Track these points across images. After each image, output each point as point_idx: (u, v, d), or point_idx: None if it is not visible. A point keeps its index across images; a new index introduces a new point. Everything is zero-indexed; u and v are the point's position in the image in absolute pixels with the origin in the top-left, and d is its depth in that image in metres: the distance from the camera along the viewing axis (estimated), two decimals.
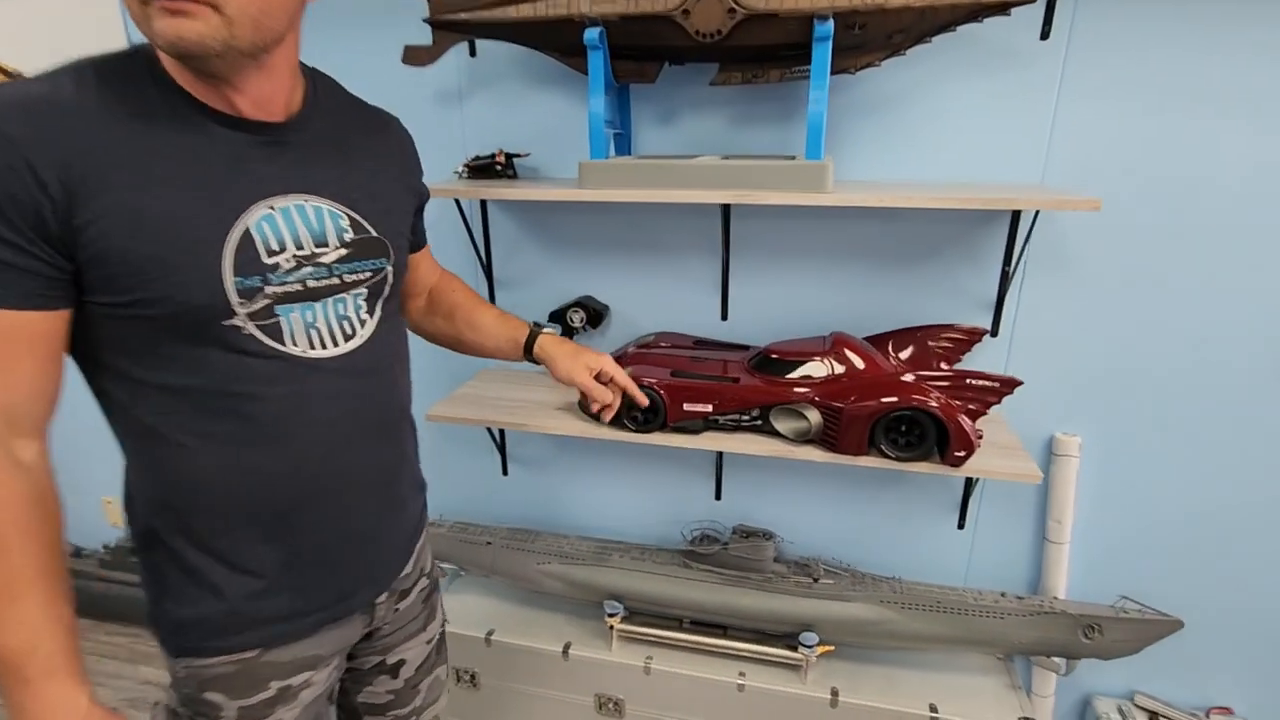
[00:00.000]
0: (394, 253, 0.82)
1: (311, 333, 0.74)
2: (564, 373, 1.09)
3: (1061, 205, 1.00)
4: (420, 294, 1.06)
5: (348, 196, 0.77)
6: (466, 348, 1.08)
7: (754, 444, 1.25)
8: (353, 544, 0.82)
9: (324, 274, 0.74)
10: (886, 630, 1.44)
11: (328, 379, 0.75)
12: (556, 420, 1.36)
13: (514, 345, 1.08)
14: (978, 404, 1.12)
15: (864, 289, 1.39)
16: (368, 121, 0.85)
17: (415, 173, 0.92)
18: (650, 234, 1.46)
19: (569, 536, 1.66)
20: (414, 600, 0.95)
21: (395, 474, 0.88)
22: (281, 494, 0.75)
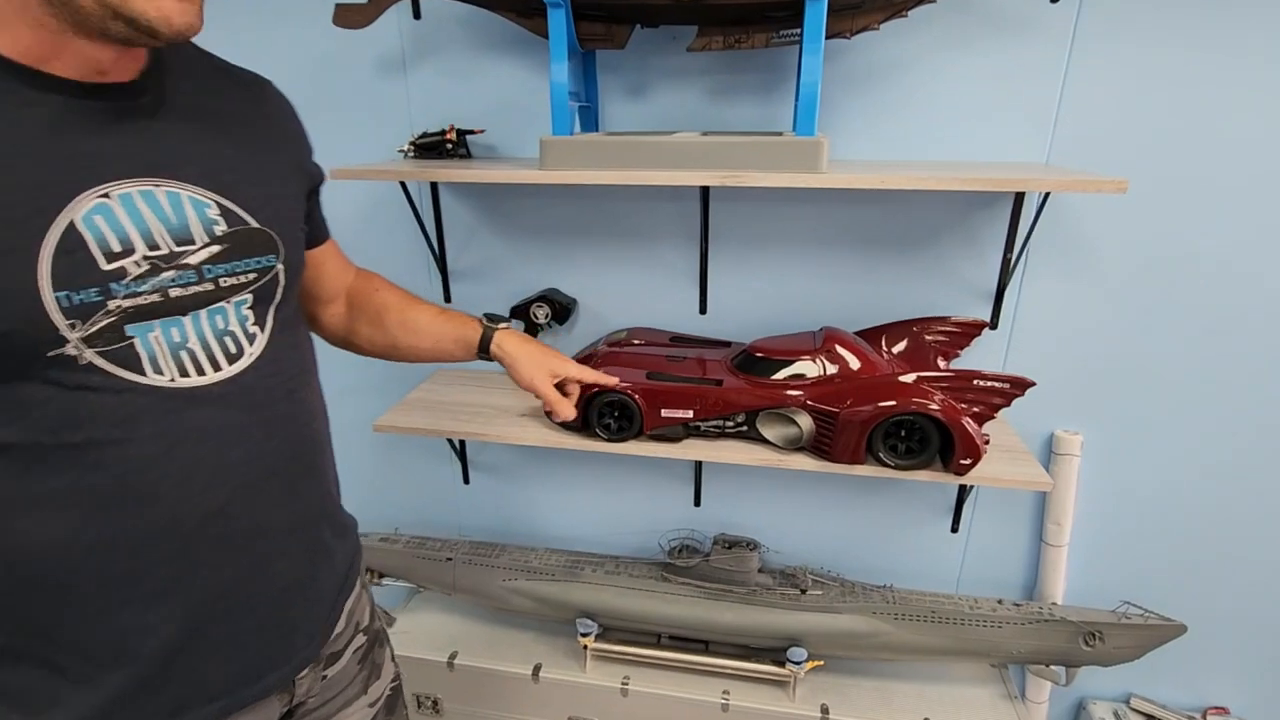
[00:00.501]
0: (285, 247, 0.66)
1: (182, 355, 0.58)
2: (526, 377, 0.96)
3: (1083, 187, 0.90)
4: (334, 298, 0.89)
5: (216, 179, 0.61)
6: (404, 354, 0.93)
7: (739, 452, 1.14)
8: (261, 613, 0.67)
9: (191, 279, 0.58)
10: (879, 643, 1.35)
11: (211, 412, 0.60)
12: (521, 428, 1.22)
13: (464, 345, 0.93)
14: (983, 407, 1.02)
15: (854, 278, 1.28)
16: (235, 85, 0.68)
17: (303, 148, 0.75)
18: (622, 220, 1.32)
19: (537, 549, 1.53)
20: (348, 663, 0.81)
21: (314, 520, 0.73)
22: (157, 563, 0.59)
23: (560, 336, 1.42)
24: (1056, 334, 1.25)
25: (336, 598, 0.77)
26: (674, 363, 1.22)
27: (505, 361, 0.95)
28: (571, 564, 1.49)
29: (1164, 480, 1.30)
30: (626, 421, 1.15)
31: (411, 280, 1.44)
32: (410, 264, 1.42)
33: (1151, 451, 1.29)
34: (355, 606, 0.82)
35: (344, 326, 0.90)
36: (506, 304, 1.38)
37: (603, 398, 1.14)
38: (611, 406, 1.15)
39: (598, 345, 1.33)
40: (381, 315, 0.90)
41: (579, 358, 1.33)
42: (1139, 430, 1.28)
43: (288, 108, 0.74)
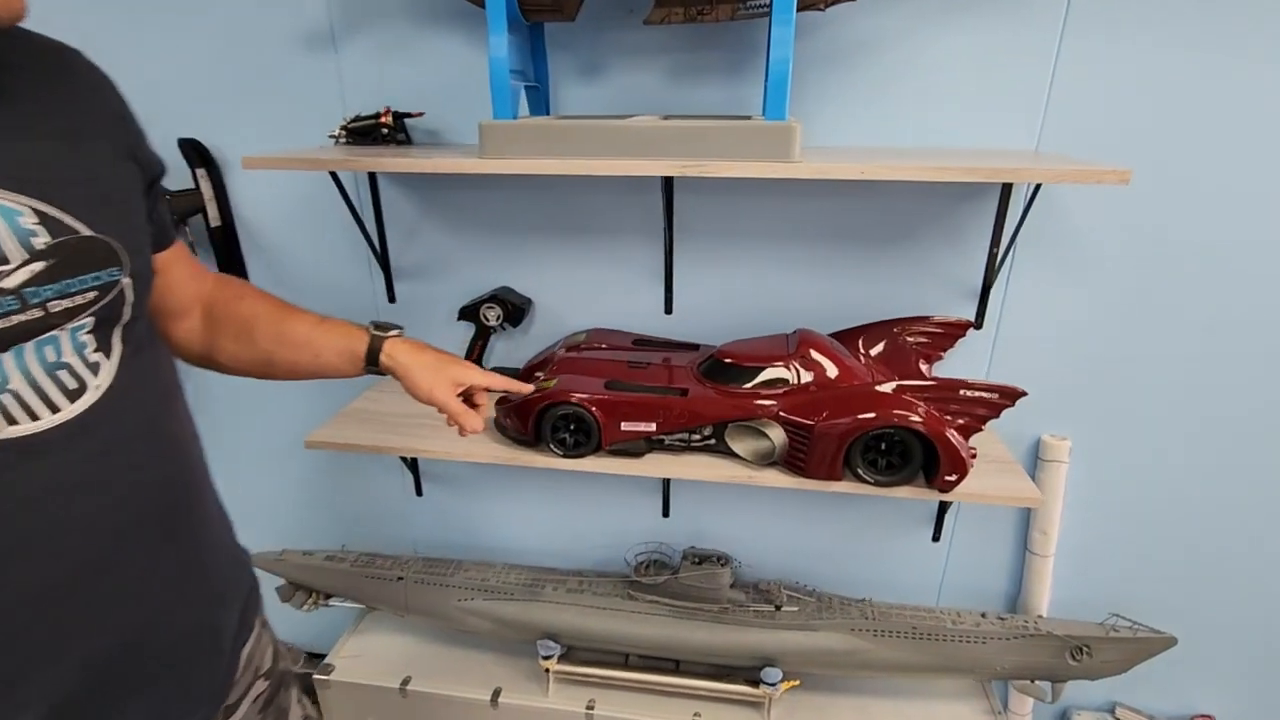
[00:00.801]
0: (130, 257, 0.55)
1: (4, 401, 0.47)
2: (425, 389, 0.83)
3: (1083, 177, 0.81)
4: (186, 311, 0.75)
5: (23, 178, 0.49)
6: (281, 371, 0.79)
7: (706, 468, 1.05)
8: (151, 670, 0.58)
9: (11, 306, 0.47)
10: (858, 661, 1.28)
11: (55, 462, 0.50)
12: (470, 443, 1.12)
13: (349, 357, 0.81)
14: (970, 418, 0.94)
15: (830, 275, 1.19)
16: (38, 60, 0.54)
17: (130, 132, 0.61)
18: (580, 213, 1.21)
19: (495, 565, 1.43)
20: (246, 712, 0.71)
21: (198, 563, 0.63)
22: (31, 627, 0.51)
23: (515, 339, 1.32)
24: (1044, 334, 1.17)
25: (233, 644, 0.68)
26: (636, 369, 1.12)
27: (398, 373, 0.83)
28: (532, 581, 1.39)
29: (1153, 486, 1.24)
30: (583, 436, 1.05)
31: (352, 281, 1.32)
32: (349, 263, 1.30)
33: (1141, 457, 1.22)
34: (255, 650, 0.72)
35: (202, 343, 0.76)
36: (455, 304, 1.27)
37: (556, 410, 1.03)
38: (567, 420, 1.04)
39: (555, 349, 1.23)
40: (249, 328, 0.76)
41: (533, 364, 1.23)
42: (1129, 434, 1.21)
43: (105, 83, 0.60)
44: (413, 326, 1.33)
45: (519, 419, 1.07)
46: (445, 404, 0.83)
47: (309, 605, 1.45)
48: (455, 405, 0.84)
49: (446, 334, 1.32)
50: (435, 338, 1.34)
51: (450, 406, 0.84)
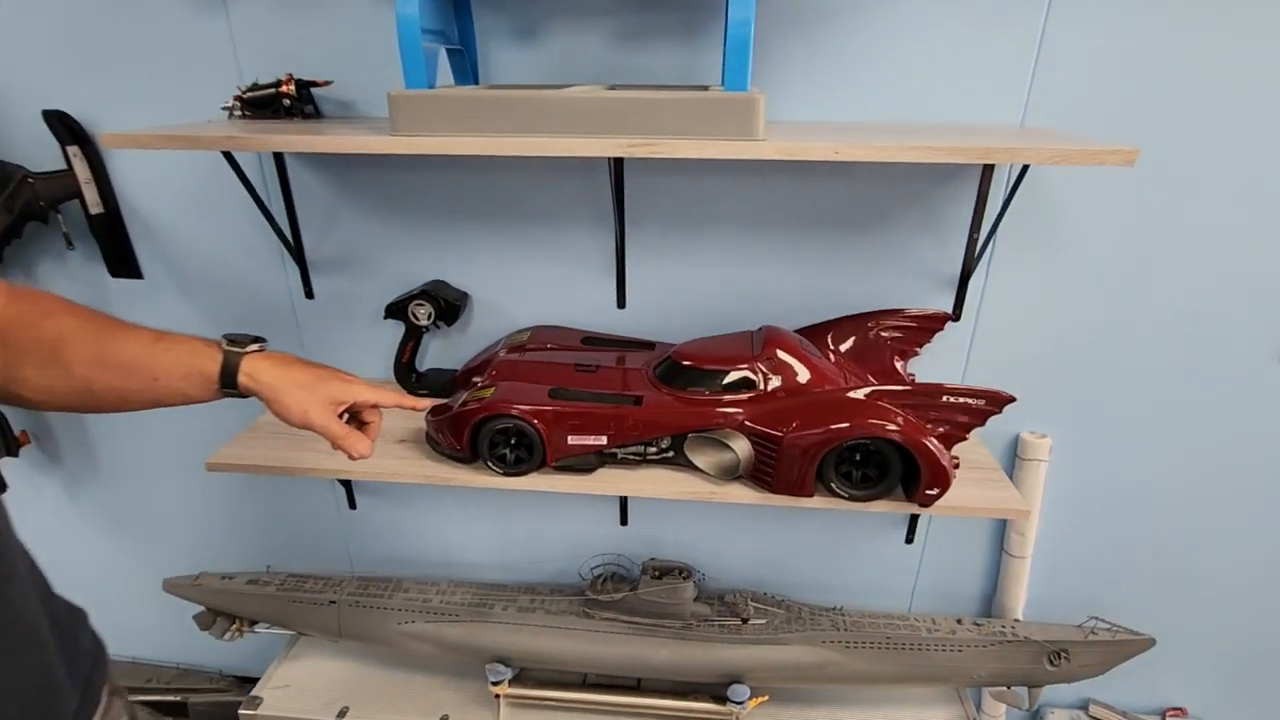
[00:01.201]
0: None
1: None
2: (298, 413, 0.70)
3: (1086, 159, 0.71)
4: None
5: None
6: (105, 400, 0.65)
7: (663, 483, 0.94)
8: None
9: None
10: (830, 673, 1.20)
11: None
12: (398, 461, 0.99)
13: (199, 380, 0.67)
14: (951, 426, 0.85)
15: (796, 266, 1.08)
16: None
17: None
18: (520, 197, 1.08)
19: (439, 583, 1.31)
20: None
21: (17, 640, 0.52)
22: None
23: (450, 339, 1.18)
24: (1025, 326, 1.09)
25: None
26: (584, 373, 1.00)
27: (263, 395, 0.70)
28: (479, 600, 1.28)
29: (1132, 484, 1.18)
30: (526, 452, 0.93)
31: (263, 275, 1.16)
32: (258, 255, 1.15)
33: (1123, 456, 1.16)
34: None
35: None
36: (381, 301, 1.13)
37: (494, 424, 0.91)
38: (506, 434, 0.92)
39: (495, 350, 1.10)
40: (58, 351, 0.61)
41: (471, 366, 1.10)
42: (1111, 433, 1.14)
43: None
44: (334, 326, 1.20)
45: (452, 433, 0.94)
46: (324, 428, 0.71)
47: (231, 634, 1.31)
48: (336, 428, 0.71)
49: (373, 334, 1.18)
50: (361, 338, 1.21)
51: (330, 430, 0.71)
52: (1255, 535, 1.20)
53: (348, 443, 0.73)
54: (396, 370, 1.16)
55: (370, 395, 0.76)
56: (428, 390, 1.15)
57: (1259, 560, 1.22)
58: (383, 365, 1.20)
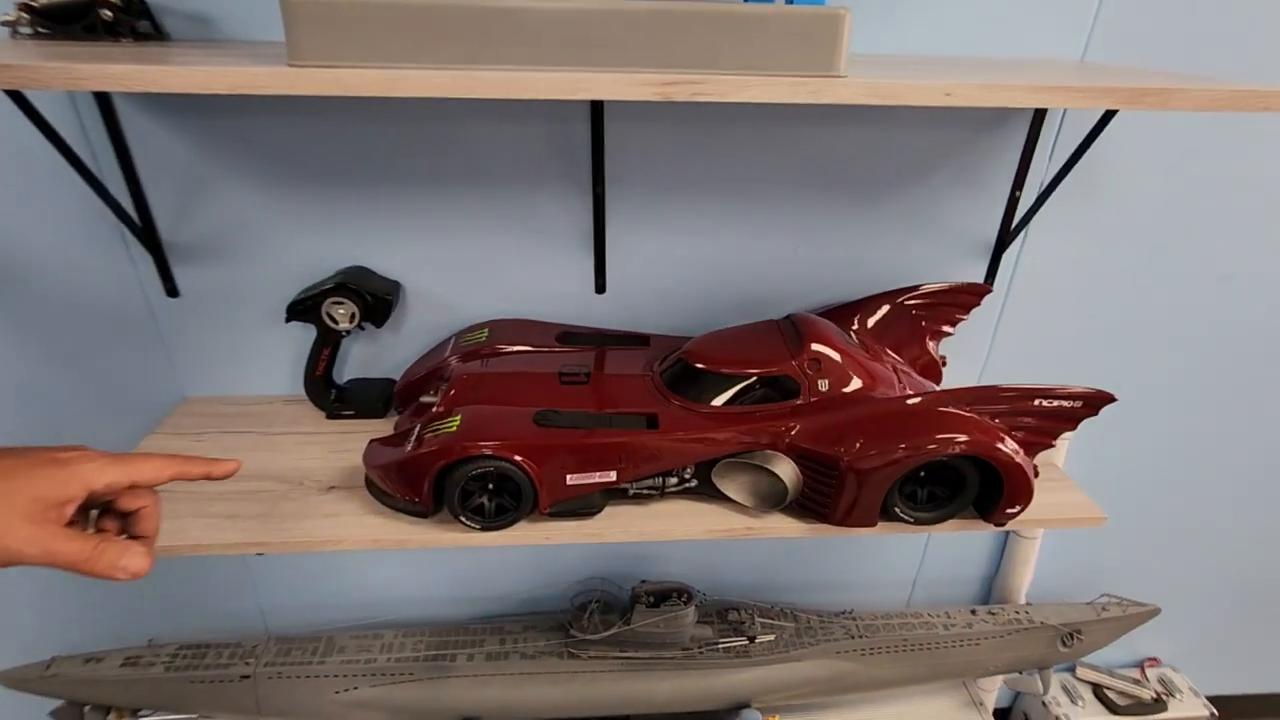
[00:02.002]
0: None
1: None
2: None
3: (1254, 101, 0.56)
4: None
5: None
6: None
7: (688, 520, 0.75)
8: None
9: None
10: (845, 684, 1.10)
11: None
12: (329, 520, 0.74)
13: None
14: (1037, 433, 0.71)
15: (811, 234, 0.90)
16: None
17: None
18: (466, 152, 0.81)
19: (383, 634, 1.08)
20: None
21: None
22: None
23: (378, 340, 0.92)
24: (1058, 294, 0.97)
25: None
26: (572, 384, 0.78)
27: None
28: (436, 651, 1.05)
29: (1148, 463, 1.12)
30: (512, 500, 0.71)
31: (100, 268, 0.84)
32: (92, 239, 0.82)
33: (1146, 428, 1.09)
34: None
35: None
36: (280, 299, 0.84)
37: (466, 468, 0.68)
38: (483, 479, 0.69)
39: (445, 356, 0.85)
40: None
41: (414, 378, 0.85)
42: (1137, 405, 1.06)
43: None
44: (213, 334, 0.89)
45: (406, 483, 0.70)
46: (45, 556, 0.43)
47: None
48: (67, 551, 0.44)
49: (270, 342, 0.90)
50: (252, 349, 0.90)
51: (58, 558, 0.43)
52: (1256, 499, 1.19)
53: (98, 565, 0.45)
54: (309, 387, 0.88)
55: (118, 472, 0.47)
56: (354, 410, 0.89)
57: (1251, 520, 1.22)
58: (288, 381, 0.92)
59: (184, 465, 0.51)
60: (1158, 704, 1.31)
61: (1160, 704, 1.31)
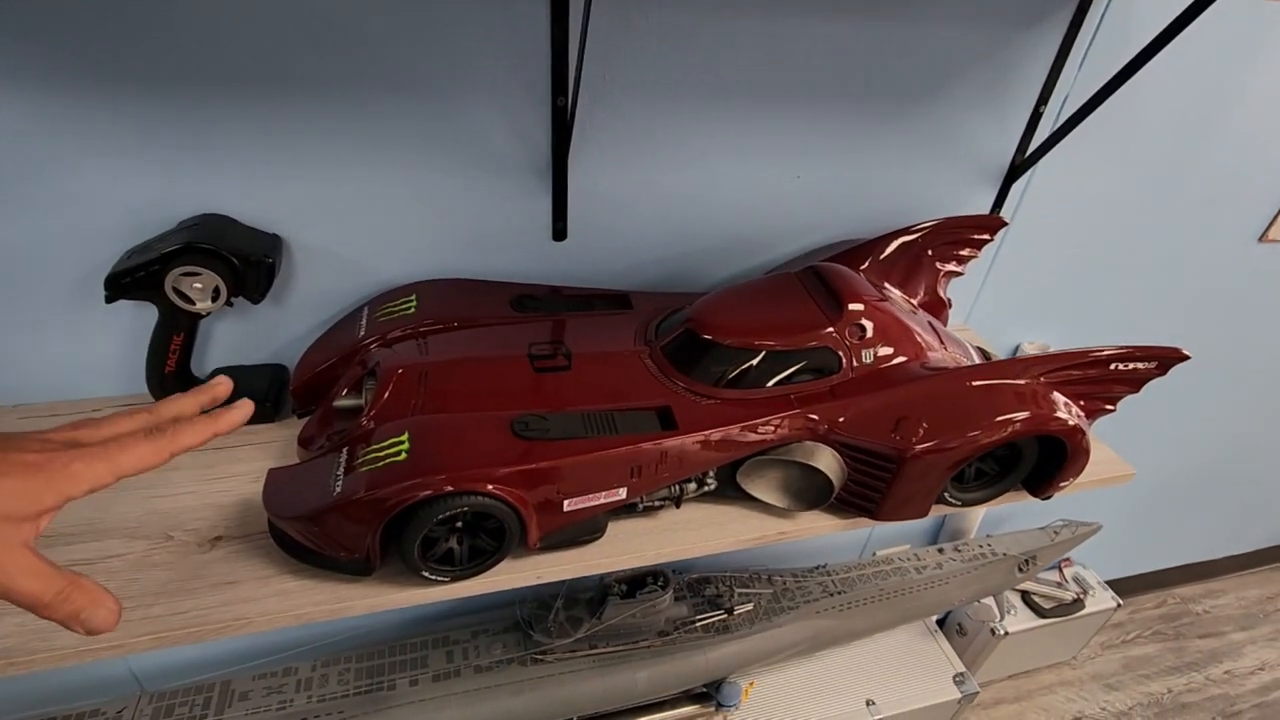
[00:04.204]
0: None
1: None
2: None
3: None
4: None
5: None
6: None
7: (710, 530, 0.61)
8: None
9: None
10: (825, 640, 1.06)
11: None
12: (226, 593, 0.52)
13: None
14: (1103, 402, 0.62)
15: (813, 156, 0.74)
16: None
17: None
18: (366, 41, 0.56)
19: (297, 667, 0.88)
20: None
21: None
22: None
23: (257, 318, 0.66)
24: (1058, 226, 0.89)
25: None
26: (551, 371, 0.59)
27: None
28: (370, 680, 0.87)
29: None
30: (492, 541, 0.52)
31: None
32: None
33: None
34: None
35: None
36: (95, 269, 0.56)
37: (434, 508, 0.48)
38: (450, 522, 0.50)
39: (360, 336, 0.62)
40: None
41: (321, 369, 0.62)
42: (1099, 335, 1.04)
43: None
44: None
45: (337, 537, 0.50)
46: (8, 593, 0.32)
47: None
48: (34, 592, 0.32)
49: (82, 330, 0.62)
50: (51, 343, 0.61)
51: (23, 597, 0.32)
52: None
53: (59, 612, 0.33)
54: (156, 388, 0.63)
55: (104, 471, 0.35)
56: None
57: (1149, 425, 1.27)
58: (124, 376, 0.65)
59: (187, 436, 0.39)
60: (1076, 603, 1.41)
61: (1079, 603, 1.41)
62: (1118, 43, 0.72)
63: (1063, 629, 1.43)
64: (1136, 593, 1.73)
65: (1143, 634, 1.66)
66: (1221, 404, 1.32)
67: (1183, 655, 1.63)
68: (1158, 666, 1.59)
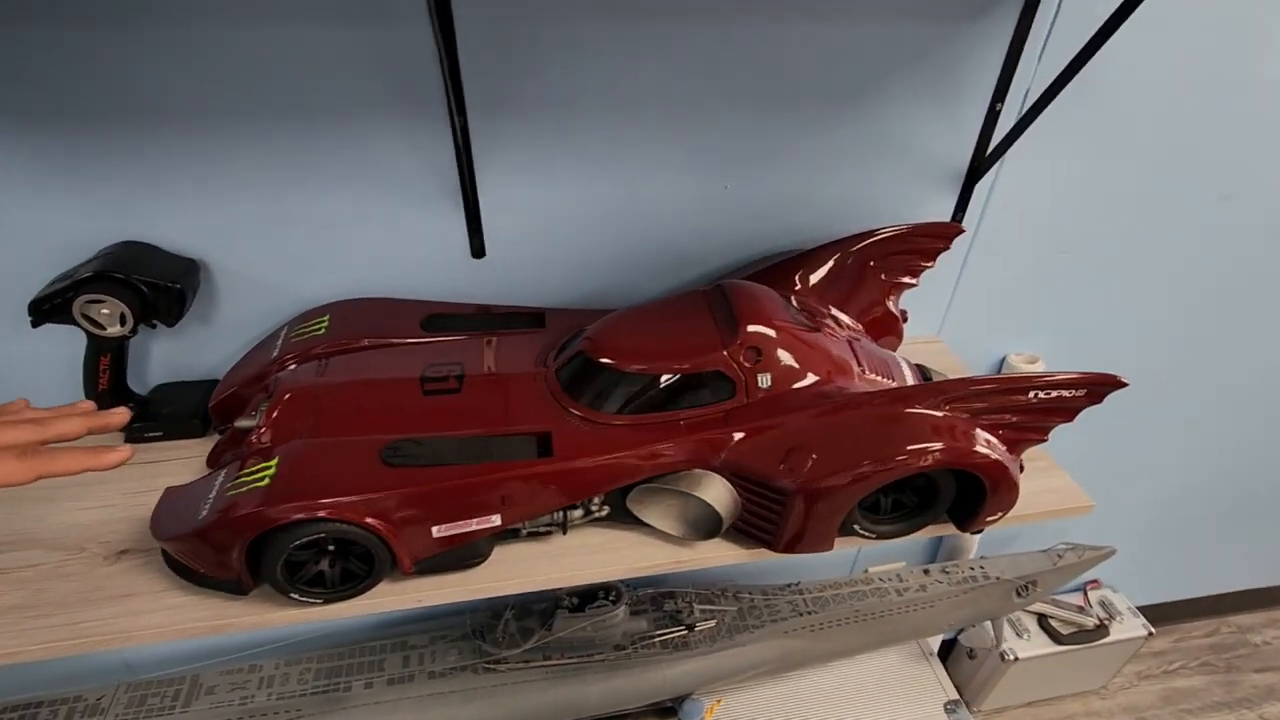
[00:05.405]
0: None
1: None
2: None
3: None
4: None
5: None
6: None
7: (599, 557, 0.59)
8: None
9: None
10: (794, 661, 1.02)
11: None
12: (118, 606, 0.55)
13: None
14: (1030, 432, 0.57)
15: (744, 165, 0.70)
16: None
17: None
18: (266, 72, 0.57)
19: (260, 664, 0.92)
20: None
21: None
22: None
23: (192, 337, 0.69)
24: (1033, 230, 0.82)
25: None
26: (440, 394, 0.59)
27: None
28: (328, 681, 0.91)
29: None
30: (363, 565, 0.53)
31: None
32: None
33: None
34: None
35: None
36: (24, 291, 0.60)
37: (296, 532, 0.49)
38: (316, 546, 0.51)
39: (273, 355, 0.64)
40: None
41: (237, 387, 0.65)
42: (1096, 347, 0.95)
43: None
44: None
45: (208, 557, 0.51)
46: None
47: None
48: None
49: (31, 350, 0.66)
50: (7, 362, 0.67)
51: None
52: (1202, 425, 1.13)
53: None
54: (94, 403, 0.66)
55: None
56: (162, 430, 0.68)
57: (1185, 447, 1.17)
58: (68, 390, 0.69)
59: (60, 464, 0.43)
60: (1100, 630, 1.30)
61: (1103, 629, 1.30)
62: (1081, 33, 0.65)
63: (1085, 656, 1.33)
64: (1183, 619, 1.58)
65: (1188, 664, 1.53)
66: (1271, 414, 1.19)
67: (1234, 690, 1.48)
68: (1203, 701, 1.46)
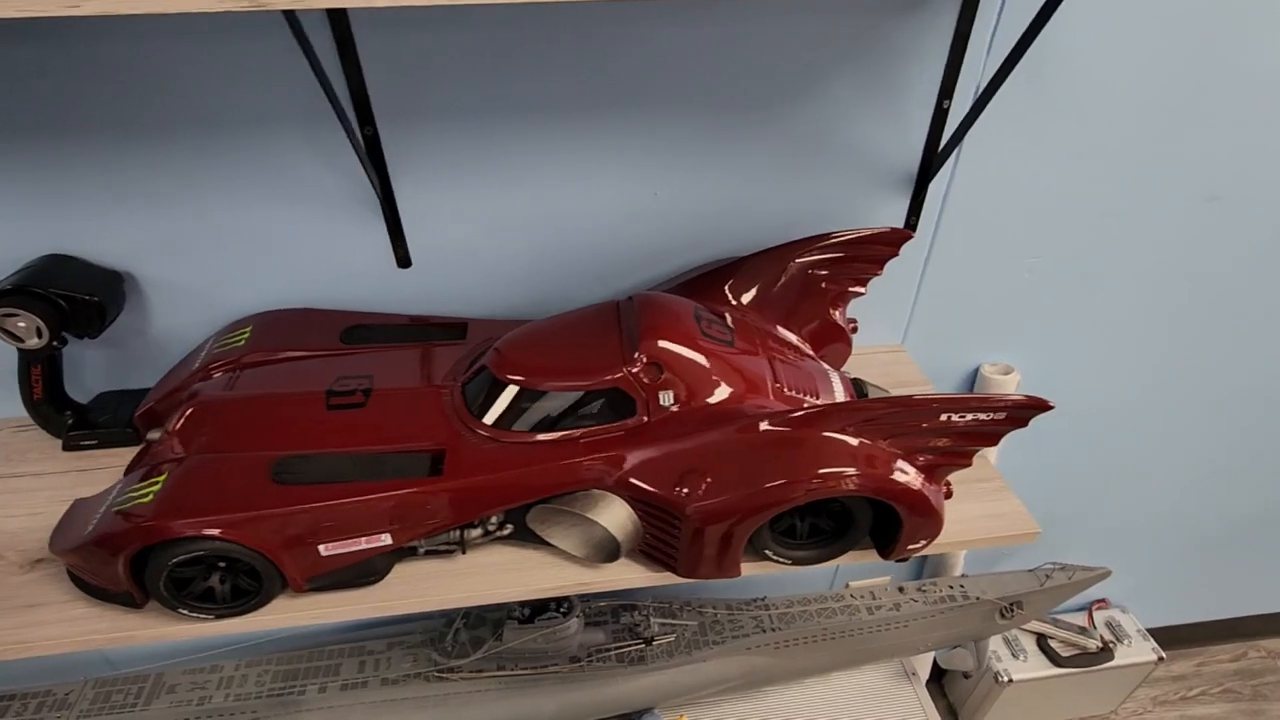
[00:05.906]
0: None
1: None
2: None
3: None
4: None
5: None
6: None
7: (504, 576, 0.58)
8: None
9: None
10: (759, 679, 0.99)
11: None
12: (23, 616, 0.56)
13: None
14: (951, 457, 0.53)
15: (672, 171, 0.68)
16: None
17: None
18: (167, 87, 0.57)
19: (221, 665, 0.94)
20: None
21: None
22: None
23: (129, 350, 0.70)
24: (994, 233, 0.77)
25: None
26: (344, 409, 0.58)
27: None
28: (284, 684, 0.92)
29: (1088, 408, 0.97)
30: (252, 582, 0.53)
31: None
32: None
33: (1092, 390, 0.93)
34: None
35: None
36: None
37: (175, 549, 0.49)
38: (201, 563, 0.51)
39: (194, 368, 0.64)
40: None
41: (160, 400, 0.65)
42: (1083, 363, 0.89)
43: None
44: None
45: (98, 570, 0.52)
46: None
47: None
48: None
49: None
50: None
51: None
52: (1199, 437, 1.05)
53: None
54: (32, 412, 0.68)
55: None
56: (97, 439, 0.69)
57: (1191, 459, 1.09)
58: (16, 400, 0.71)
59: None
60: (1103, 653, 1.23)
61: (1106, 652, 1.23)
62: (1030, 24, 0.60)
63: (1088, 680, 1.26)
64: (1205, 642, 1.49)
65: (1209, 690, 1.43)
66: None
67: (1259, 719, 1.39)
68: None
